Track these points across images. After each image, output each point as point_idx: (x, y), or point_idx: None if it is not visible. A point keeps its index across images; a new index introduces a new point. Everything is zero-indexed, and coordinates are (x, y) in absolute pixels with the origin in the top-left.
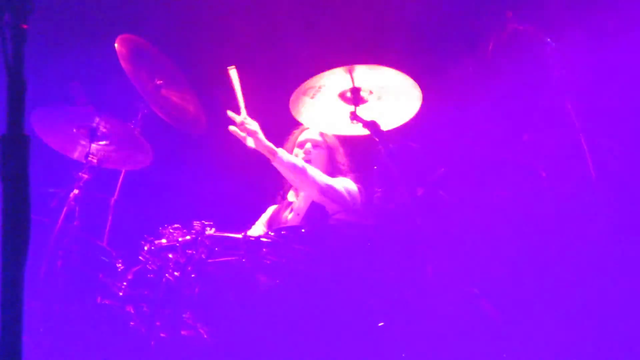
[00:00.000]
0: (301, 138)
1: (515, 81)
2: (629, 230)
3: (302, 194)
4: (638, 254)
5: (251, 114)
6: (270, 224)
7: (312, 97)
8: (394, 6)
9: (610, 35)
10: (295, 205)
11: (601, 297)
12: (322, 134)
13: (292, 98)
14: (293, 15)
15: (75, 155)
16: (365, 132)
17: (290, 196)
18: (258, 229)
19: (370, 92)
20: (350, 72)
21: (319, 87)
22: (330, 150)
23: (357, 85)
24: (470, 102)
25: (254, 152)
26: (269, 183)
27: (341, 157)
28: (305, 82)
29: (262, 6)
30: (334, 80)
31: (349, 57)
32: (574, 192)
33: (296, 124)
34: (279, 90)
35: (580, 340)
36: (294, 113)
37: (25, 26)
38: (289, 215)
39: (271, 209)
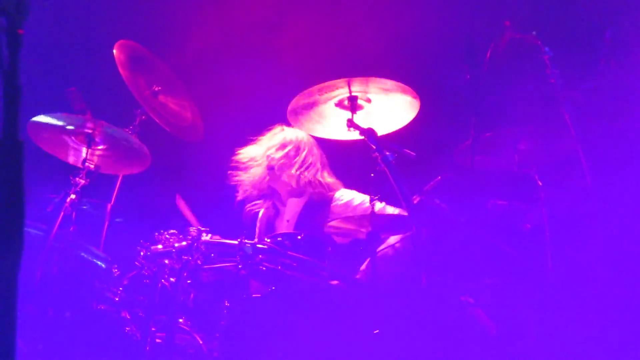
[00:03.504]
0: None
1: (513, 89)
2: (625, 237)
3: (290, 201)
4: (636, 262)
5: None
6: (263, 232)
7: (320, 95)
8: (392, 15)
9: (608, 43)
10: (286, 213)
11: (598, 307)
12: (291, 139)
13: (291, 106)
14: (293, 25)
15: (72, 160)
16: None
17: (280, 204)
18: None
19: (368, 100)
20: (349, 83)
21: (319, 94)
22: (297, 151)
23: (354, 93)
24: (468, 110)
25: None
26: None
27: (313, 156)
28: (305, 91)
29: (262, 16)
30: (333, 89)
31: (346, 66)
32: (571, 200)
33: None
34: (278, 96)
35: (576, 351)
36: (291, 118)
37: (21, 31)
38: (281, 223)
39: (259, 215)
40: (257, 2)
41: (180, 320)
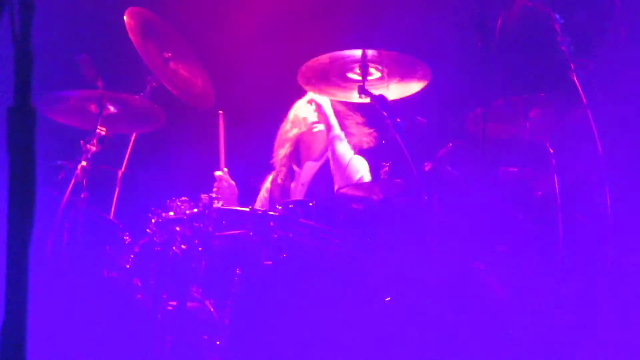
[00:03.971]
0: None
1: (524, 57)
2: (637, 204)
3: (307, 164)
4: None
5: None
6: (274, 192)
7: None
8: None
9: (618, 11)
10: (300, 176)
11: (610, 274)
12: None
13: (303, 70)
14: None
15: (83, 124)
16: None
17: (294, 166)
18: (262, 200)
19: (378, 69)
20: (363, 54)
21: (329, 61)
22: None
23: (365, 62)
24: (479, 78)
25: (261, 127)
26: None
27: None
28: (317, 58)
29: None
30: (344, 57)
31: (356, 32)
32: (582, 168)
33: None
34: (286, 66)
35: (585, 321)
36: (303, 82)
37: None
38: (292, 185)
39: (270, 178)
40: None
41: (192, 287)
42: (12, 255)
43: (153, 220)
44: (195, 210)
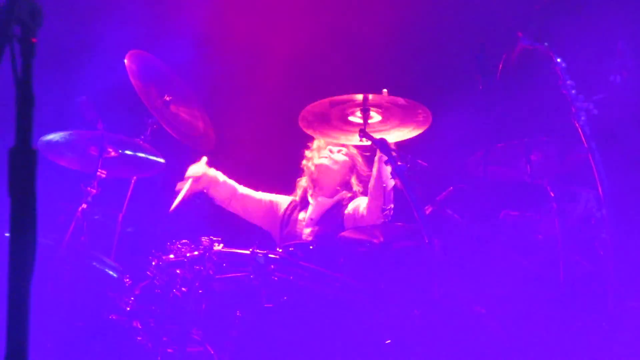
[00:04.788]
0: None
1: (525, 101)
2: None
3: (319, 199)
4: None
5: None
6: (281, 217)
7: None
8: (405, 27)
9: (620, 54)
10: (311, 209)
11: (610, 318)
12: (345, 145)
13: (303, 113)
14: (305, 36)
15: (84, 167)
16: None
17: (309, 197)
18: (254, 195)
19: (378, 112)
20: (364, 98)
21: (330, 104)
22: (352, 160)
23: (367, 105)
24: (480, 121)
25: (262, 169)
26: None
27: (361, 168)
28: (319, 102)
29: (277, 26)
30: (346, 102)
31: (359, 75)
32: (583, 211)
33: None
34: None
35: None
36: (302, 125)
37: (34, 40)
38: (302, 215)
39: (286, 201)
40: (271, 12)
41: (192, 330)
42: (13, 297)
43: (153, 263)
44: (195, 253)
